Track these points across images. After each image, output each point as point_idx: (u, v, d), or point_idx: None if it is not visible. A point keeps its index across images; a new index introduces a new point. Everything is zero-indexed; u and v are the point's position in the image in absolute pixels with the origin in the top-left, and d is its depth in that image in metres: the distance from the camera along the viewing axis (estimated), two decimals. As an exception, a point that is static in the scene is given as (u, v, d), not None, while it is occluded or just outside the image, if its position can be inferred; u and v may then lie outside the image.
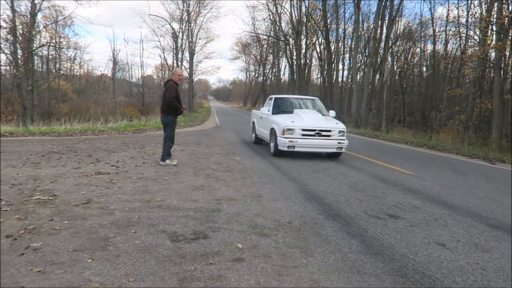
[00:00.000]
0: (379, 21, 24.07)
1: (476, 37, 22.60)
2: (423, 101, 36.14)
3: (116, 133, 13.99)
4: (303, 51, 38.05)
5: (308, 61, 41.79)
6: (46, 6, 23.03)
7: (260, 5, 40.40)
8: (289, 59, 40.60)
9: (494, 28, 15.82)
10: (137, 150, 9.10)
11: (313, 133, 8.48)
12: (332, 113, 10.04)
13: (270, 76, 59.85)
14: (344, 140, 8.63)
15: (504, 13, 15.15)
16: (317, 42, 41.04)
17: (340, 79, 36.71)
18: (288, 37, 38.86)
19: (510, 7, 16.18)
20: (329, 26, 30.97)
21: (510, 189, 6.23)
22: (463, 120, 18.21)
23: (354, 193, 5.40)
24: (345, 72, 40.11)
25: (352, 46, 32.14)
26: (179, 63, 38.84)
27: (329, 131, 8.56)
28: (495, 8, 16.25)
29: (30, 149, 8.56)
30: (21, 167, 6.36)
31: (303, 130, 8.45)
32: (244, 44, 58.75)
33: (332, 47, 31.94)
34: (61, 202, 4.30)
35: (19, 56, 22.58)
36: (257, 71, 67.68)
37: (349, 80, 37.56)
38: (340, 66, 37.70)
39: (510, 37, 15.39)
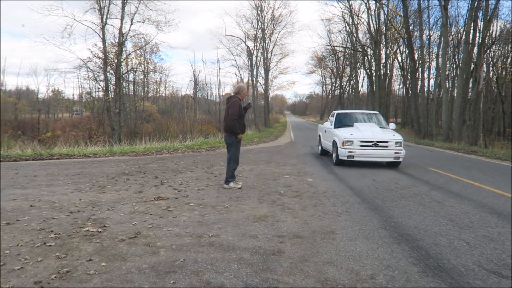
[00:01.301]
0: (472, 23, 21.32)
1: None
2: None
3: (190, 151, 14.05)
4: (383, 61, 35.77)
5: (388, 71, 39.24)
6: (132, 35, 24.83)
7: (335, 17, 39.21)
8: (368, 70, 38.49)
9: None
10: (204, 170, 8.74)
11: (370, 144, 9.38)
12: (392, 125, 10.75)
13: (348, 88, 57.72)
14: (401, 150, 9.39)
15: None
16: (398, 51, 38.43)
17: (425, 89, 33.53)
18: (366, 47, 36.93)
19: None
20: (411, 32, 28.60)
21: None
22: None
23: (458, 232, 4.17)
24: (431, 81, 36.69)
25: (440, 52, 29.23)
26: (255, 80, 39.28)
27: (386, 142, 9.41)
28: None
29: (104, 171, 8.70)
30: (87, 191, 6.29)
31: (361, 141, 9.39)
32: (320, 57, 57.72)
33: (416, 55, 29.39)
34: (108, 236, 3.89)
35: (109, 83, 24.66)
36: (333, 84, 65.99)
37: (435, 89, 34.21)
38: (425, 75, 34.55)
39: None
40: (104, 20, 23.02)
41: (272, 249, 3.52)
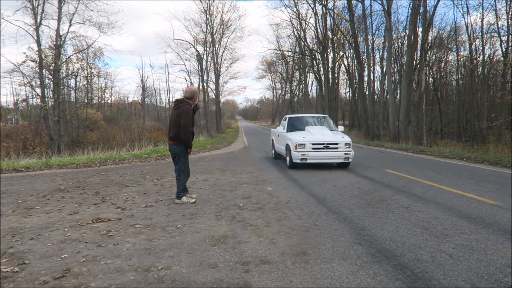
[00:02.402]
0: (413, 28, 22.30)
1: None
2: (458, 110, 33.67)
3: (138, 161, 13.02)
4: (331, 65, 36.59)
5: (336, 75, 40.25)
6: (71, 37, 22.99)
7: (283, 22, 39.57)
8: (316, 74, 39.24)
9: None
10: (153, 183, 7.90)
11: (321, 146, 9.62)
12: (341, 128, 11.24)
13: (297, 92, 58.62)
14: (350, 151, 9.69)
15: None
16: (344, 55, 39.59)
17: (371, 91, 34.72)
18: (314, 52, 37.59)
19: None
20: (357, 37, 29.48)
21: None
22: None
23: (436, 242, 3.84)
24: (376, 84, 38.17)
25: (384, 56, 30.45)
26: (205, 85, 38.38)
27: (336, 144, 9.68)
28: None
29: (35, 188, 7.56)
30: (9, 215, 5.25)
31: (313, 144, 9.60)
32: (270, 62, 58.25)
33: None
34: (27, 277, 3.05)
35: (46, 88, 22.60)
36: (283, 89, 66.79)
37: (379, 92, 35.66)
38: (371, 78, 35.84)
39: None
40: (39, 20, 21.05)
41: (236, 281, 2.91)
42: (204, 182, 7.95)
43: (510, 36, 23.73)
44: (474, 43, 29.04)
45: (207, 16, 35.47)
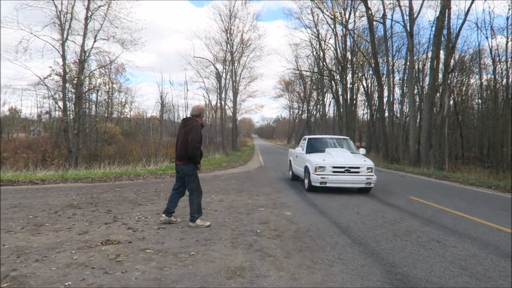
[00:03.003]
0: (436, 50, 21.89)
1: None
2: (480, 134, 32.74)
3: (153, 177, 12.87)
4: (349, 86, 36.31)
5: (354, 95, 39.86)
6: (95, 52, 23.47)
7: (303, 42, 39.63)
8: (334, 95, 38.97)
9: None
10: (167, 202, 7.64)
11: (342, 170, 9.17)
12: (362, 151, 10.70)
13: (315, 112, 58.34)
14: (372, 175, 9.27)
15: None
16: (363, 76, 39.28)
17: (390, 113, 34.13)
18: (332, 72, 37.45)
19: None
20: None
21: None
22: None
23: (478, 284, 3.41)
24: (395, 106, 37.57)
25: (405, 78, 30.02)
26: (223, 103, 38.58)
27: (358, 167, 9.24)
28: None
29: (48, 202, 7.40)
30: (17, 231, 5.05)
31: (334, 167, 9.17)
32: (287, 82, 58.42)
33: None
34: (25, 307, 2.79)
35: (68, 102, 22.99)
36: (301, 108, 66.55)
37: (401, 114, 34.98)
38: (391, 100, 35.29)
39: None
40: (65, 36, 21.63)
41: (255, 326, 2.57)
42: (219, 203, 7.65)
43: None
44: (497, 66, 28.36)
45: (228, 35, 35.92)
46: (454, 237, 5.19)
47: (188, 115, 5.77)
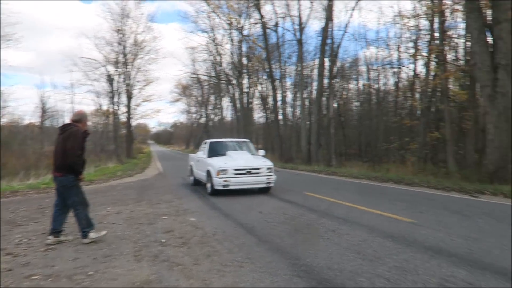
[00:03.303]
0: (322, 57, 24.07)
1: (414, 71, 23.47)
2: (359, 133, 37.17)
3: (34, 192, 11.28)
4: (246, 90, 37.48)
5: (250, 99, 41.25)
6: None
7: (200, 46, 39.46)
8: (232, 99, 39.82)
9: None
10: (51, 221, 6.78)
11: (244, 171, 9.43)
12: (262, 152, 11.16)
13: (213, 116, 58.67)
14: (272, 175, 9.72)
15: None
16: (258, 81, 40.94)
17: (282, 116, 36.33)
18: (229, 77, 38.20)
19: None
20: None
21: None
22: (416, 150, 18.03)
23: (371, 266, 3.80)
24: (287, 110, 40.08)
25: (296, 83, 32.22)
26: (116, 107, 36.05)
27: (258, 168, 9.61)
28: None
29: None
30: None
31: (235, 170, 9.34)
32: (185, 86, 57.48)
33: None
34: None
35: None
36: (199, 112, 66.16)
37: (291, 117, 37.46)
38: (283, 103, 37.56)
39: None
40: None
41: None
42: (117, 215, 7.09)
43: (400, 68, 27.03)
44: (371, 73, 32.47)
45: (120, 35, 33.76)
46: (347, 226, 5.72)
47: (65, 122, 5.20)
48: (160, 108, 74.00)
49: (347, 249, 4.45)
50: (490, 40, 10.82)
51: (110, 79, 33.76)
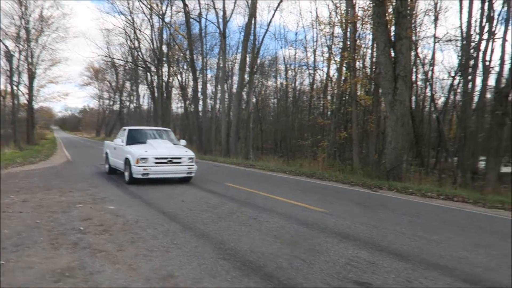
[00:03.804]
0: (244, 52, 24.56)
1: (328, 74, 25.31)
2: (276, 129, 38.92)
3: None
4: (165, 79, 36.39)
5: (170, 89, 40.19)
6: None
7: (116, 29, 37.15)
8: (150, 87, 38.33)
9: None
10: None
11: (165, 160, 9.35)
12: (183, 142, 11.18)
13: (128, 104, 55.75)
14: (193, 165, 9.76)
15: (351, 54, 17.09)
16: (178, 70, 40.03)
17: (202, 108, 36.24)
18: (148, 63, 36.66)
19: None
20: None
21: (404, 219, 6.07)
22: (326, 147, 19.56)
23: (289, 249, 4.19)
24: (207, 102, 40.04)
25: (218, 76, 32.26)
26: (15, 88, 32.07)
27: (180, 158, 9.57)
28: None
29: None
30: None
31: (156, 158, 9.22)
32: (97, 69, 53.66)
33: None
34: None
35: None
36: (112, 99, 62.25)
37: (211, 108, 37.57)
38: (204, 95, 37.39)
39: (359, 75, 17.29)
40: None
41: (99, 322, 2.44)
42: (23, 204, 6.52)
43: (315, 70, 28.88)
44: (289, 72, 34.06)
45: (22, 8, 30.04)
46: (266, 214, 6.12)
47: None
48: (68, 92, 67.71)
49: (267, 235, 4.80)
50: (392, 53, 12.25)
51: (8, 56, 29.90)
